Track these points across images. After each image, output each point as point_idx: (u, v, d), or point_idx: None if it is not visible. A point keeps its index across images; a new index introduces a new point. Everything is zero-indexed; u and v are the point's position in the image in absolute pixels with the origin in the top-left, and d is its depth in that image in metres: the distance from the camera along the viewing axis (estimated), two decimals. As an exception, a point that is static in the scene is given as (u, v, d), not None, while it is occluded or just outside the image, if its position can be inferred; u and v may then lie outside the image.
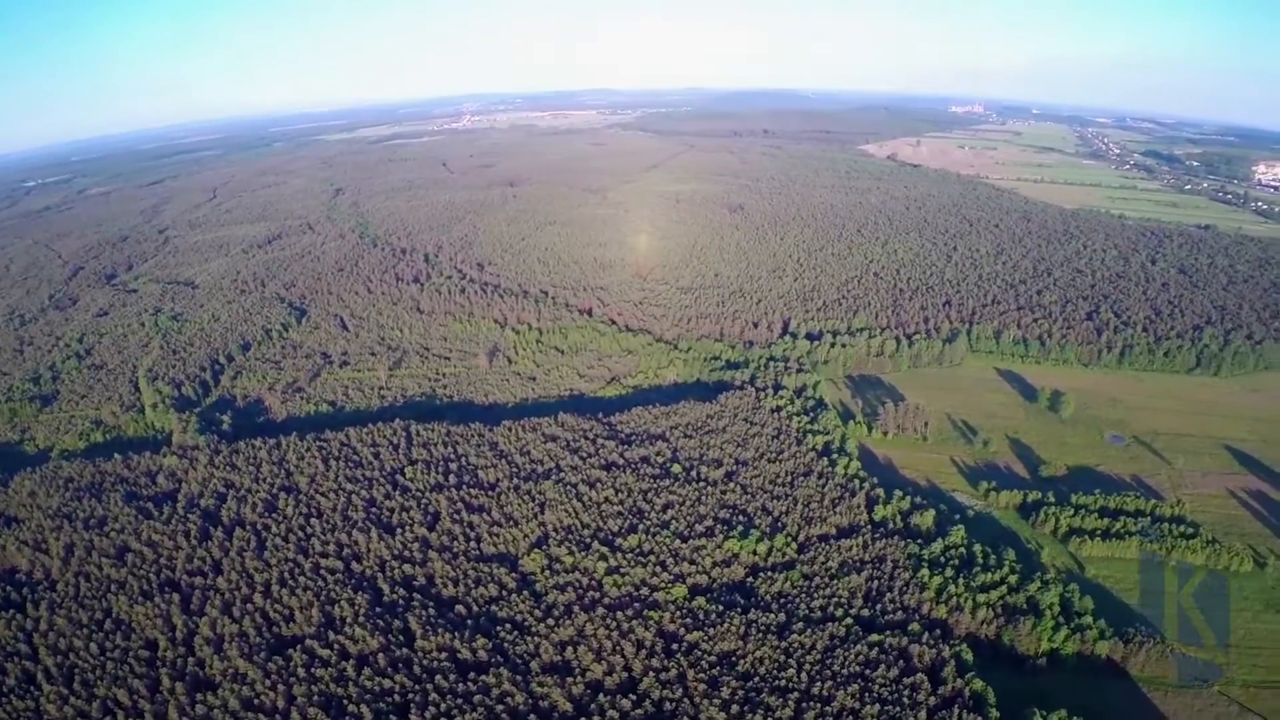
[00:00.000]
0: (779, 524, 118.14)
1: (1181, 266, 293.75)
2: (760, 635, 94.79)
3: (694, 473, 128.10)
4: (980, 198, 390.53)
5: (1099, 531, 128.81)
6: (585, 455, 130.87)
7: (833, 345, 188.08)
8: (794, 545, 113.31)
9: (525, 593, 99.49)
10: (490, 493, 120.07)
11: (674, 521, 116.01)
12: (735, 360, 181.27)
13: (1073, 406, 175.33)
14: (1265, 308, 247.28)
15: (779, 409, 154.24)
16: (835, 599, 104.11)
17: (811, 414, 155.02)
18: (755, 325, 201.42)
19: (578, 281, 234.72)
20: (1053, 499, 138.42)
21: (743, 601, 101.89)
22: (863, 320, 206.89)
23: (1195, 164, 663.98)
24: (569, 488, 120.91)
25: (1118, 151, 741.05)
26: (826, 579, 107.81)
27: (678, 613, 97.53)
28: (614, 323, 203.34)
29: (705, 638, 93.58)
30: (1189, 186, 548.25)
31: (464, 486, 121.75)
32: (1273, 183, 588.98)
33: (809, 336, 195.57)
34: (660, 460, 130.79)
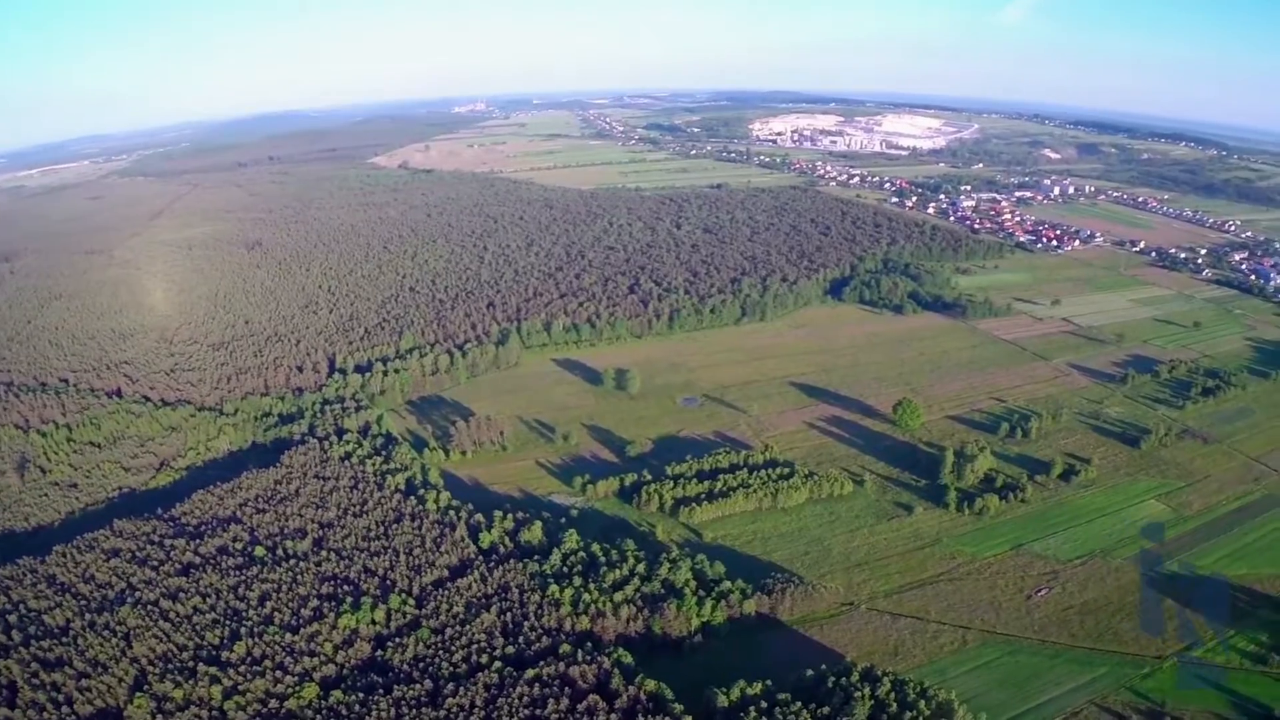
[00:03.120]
0: (388, 582, 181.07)
1: (706, 226, 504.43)
2: (414, 711, 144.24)
3: (280, 551, 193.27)
4: (499, 193, 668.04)
5: (702, 496, 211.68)
6: (157, 563, 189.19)
7: (385, 373, 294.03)
8: (411, 601, 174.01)
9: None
10: (64, 639, 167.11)
11: (277, 613, 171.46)
12: (289, 413, 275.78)
13: (639, 381, 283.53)
14: (791, 249, 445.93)
15: (349, 455, 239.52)
16: (475, 645, 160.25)
17: (384, 453, 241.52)
18: (300, 369, 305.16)
19: (99, 360, 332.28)
20: (649, 476, 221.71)
21: (381, 680, 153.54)
22: (410, 340, 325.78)
23: (696, 130, 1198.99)
24: (150, 607, 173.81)
25: (621, 129, 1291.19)
26: (458, 627, 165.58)
27: (318, 717, 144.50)
28: (148, 399, 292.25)
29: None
30: (694, 151, 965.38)
31: (32, 641, 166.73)
32: (769, 137, 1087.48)
33: (359, 369, 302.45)
34: (239, 546, 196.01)
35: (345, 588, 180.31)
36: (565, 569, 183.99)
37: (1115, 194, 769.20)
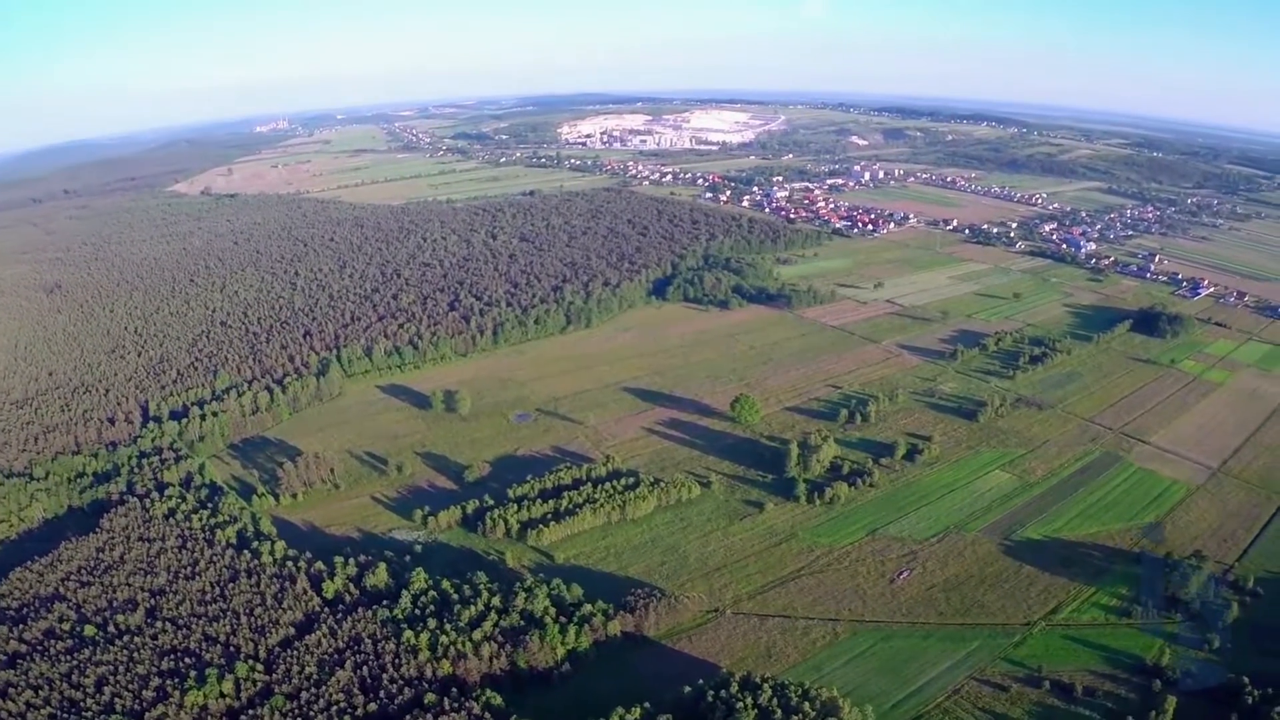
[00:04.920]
0: (232, 649, 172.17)
1: (522, 234, 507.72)
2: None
3: (112, 627, 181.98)
4: (307, 214, 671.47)
5: (549, 516, 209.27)
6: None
7: (203, 417, 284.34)
8: (260, 667, 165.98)
9: None
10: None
11: (118, 699, 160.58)
12: (104, 471, 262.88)
13: (469, 401, 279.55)
14: (610, 252, 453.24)
15: (173, 512, 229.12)
16: (334, 706, 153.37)
17: (210, 505, 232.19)
18: (112, 421, 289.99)
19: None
20: (491, 501, 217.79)
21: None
22: (226, 379, 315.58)
23: (505, 137, 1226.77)
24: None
25: (429, 140, 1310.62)
26: (314, 689, 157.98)
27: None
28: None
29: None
30: (504, 159, 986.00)
31: None
32: (579, 140, 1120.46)
33: (174, 416, 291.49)
34: (67, 627, 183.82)
35: (187, 660, 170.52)
36: (417, 611, 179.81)
37: (924, 175, 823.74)
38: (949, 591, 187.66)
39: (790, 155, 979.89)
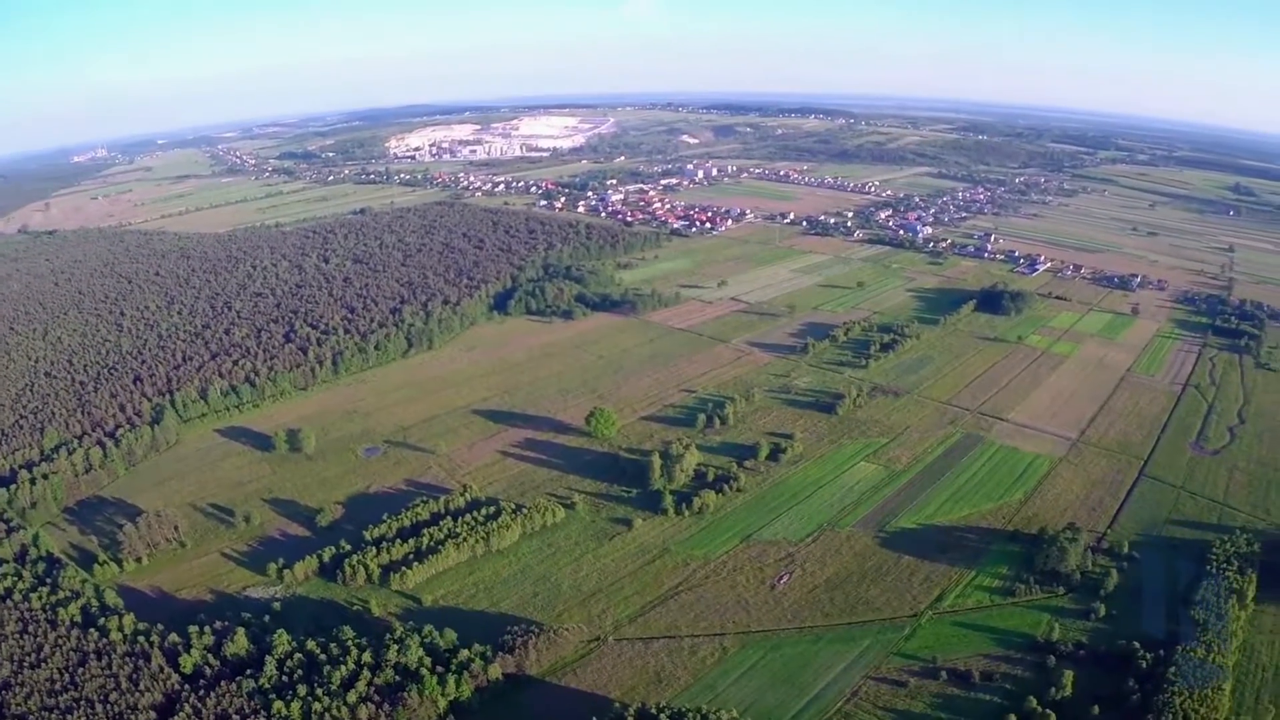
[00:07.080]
0: None
1: (355, 256, 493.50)
2: None
3: None
4: (130, 248, 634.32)
5: (410, 556, 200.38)
6: None
7: (33, 481, 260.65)
8: None
9: None
10: None
11: None
12: None
13: (314, 438, 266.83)
14: (448, 269, 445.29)
15: (9, 592, 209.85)
16: None
17: (49, 580, 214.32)
18: None
19: None
20: (348, 546, 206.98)
21: None
22: (54, 436, 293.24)
23: (332, 154, 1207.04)
24: None
25: (254, 162, 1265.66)
26: None
27: None
28: None
29: None
30: (332, 177, 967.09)
31: None
32: (407, 154, 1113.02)
33: (2, 482, 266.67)
34: None
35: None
36: (285, 678, 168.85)
37: (757, 170, 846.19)
38: (832, 591, 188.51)
39: (622, 157, 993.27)
